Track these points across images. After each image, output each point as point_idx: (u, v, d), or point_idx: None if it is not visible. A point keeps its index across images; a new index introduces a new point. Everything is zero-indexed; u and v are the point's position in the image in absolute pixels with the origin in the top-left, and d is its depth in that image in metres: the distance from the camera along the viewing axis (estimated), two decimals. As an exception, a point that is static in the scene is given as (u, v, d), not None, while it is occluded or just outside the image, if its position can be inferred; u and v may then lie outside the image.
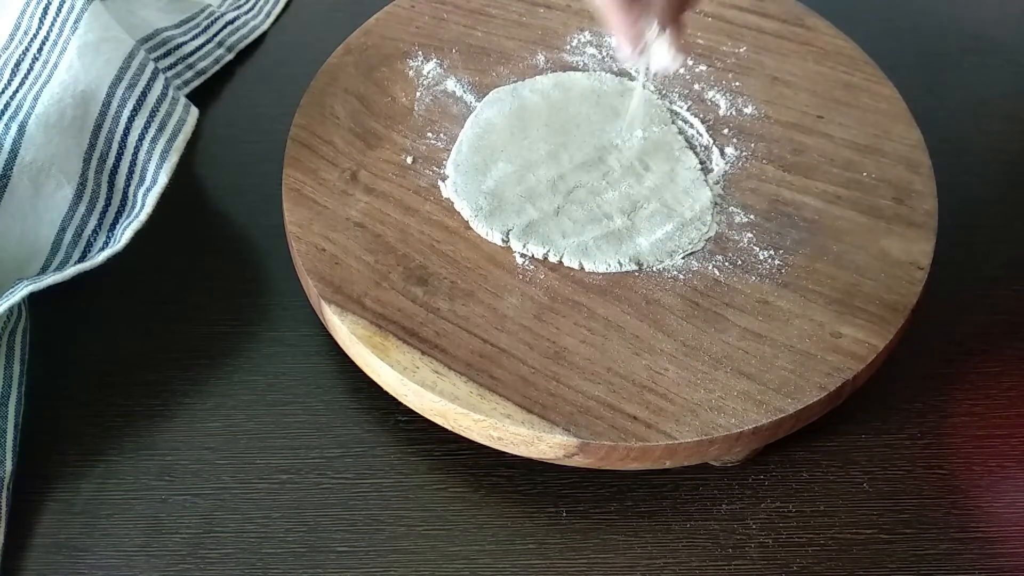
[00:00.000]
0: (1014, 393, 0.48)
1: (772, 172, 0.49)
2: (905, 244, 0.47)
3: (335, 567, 0.43)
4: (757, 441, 0.42)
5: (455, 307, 0.44)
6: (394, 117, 0.51)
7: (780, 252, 0.46)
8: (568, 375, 0.42)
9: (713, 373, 0.42)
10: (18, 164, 0.47)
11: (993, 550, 0.44)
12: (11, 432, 0.44)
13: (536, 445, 0.41)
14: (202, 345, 0.49)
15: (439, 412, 0.42)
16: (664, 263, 0.46)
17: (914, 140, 0.51)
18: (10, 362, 0.45)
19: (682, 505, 0.45)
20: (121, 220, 0.49)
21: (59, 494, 0.44)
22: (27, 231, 0.47)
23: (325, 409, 0.47)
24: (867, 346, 0.43)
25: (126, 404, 0.47)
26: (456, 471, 0.45)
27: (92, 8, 0.51)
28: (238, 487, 0.45)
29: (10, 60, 0.51)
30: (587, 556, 0.43)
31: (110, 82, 0.49)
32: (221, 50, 0.61)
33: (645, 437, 0.40)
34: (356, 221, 0.47)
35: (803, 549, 0.43)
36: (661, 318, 0.44)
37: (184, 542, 0.43)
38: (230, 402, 0.47)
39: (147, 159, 0.49)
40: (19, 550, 0.43)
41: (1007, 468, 0.46)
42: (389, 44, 0.55)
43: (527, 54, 0.54)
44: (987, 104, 0.61)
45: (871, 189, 0.49)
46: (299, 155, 0.49)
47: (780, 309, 0.44)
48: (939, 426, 0.47)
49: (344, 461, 0.46)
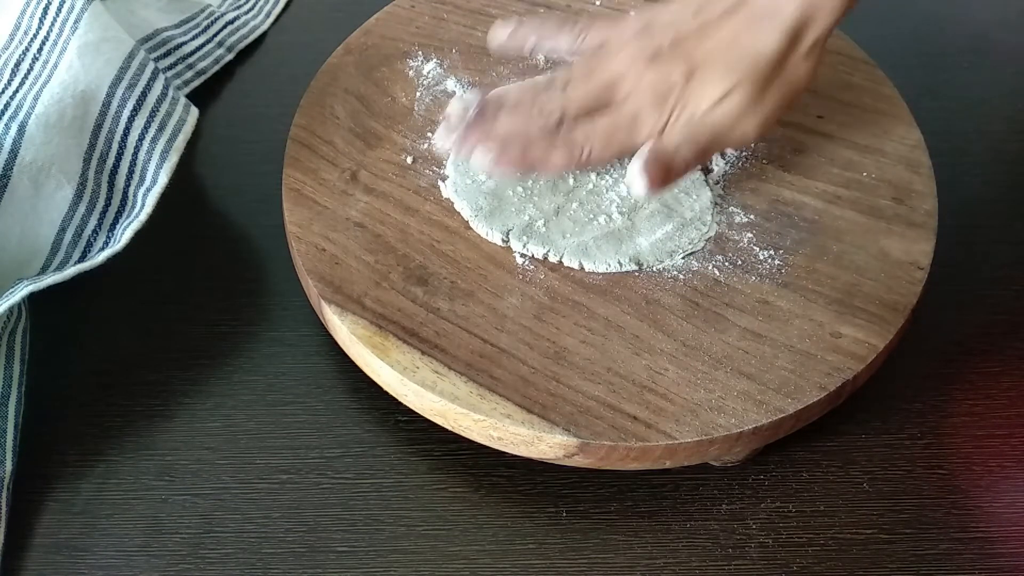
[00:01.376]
0: (1014, 393, 0.48)
1: (772, 172, 0.49)
2: (905, 244, 0.47)
3: (335, 567, 0.43)
4: (757, 441, 0.42)
5: (455, 307, 0.44)
6: (394, 117, 0.51)
7: (780, 252, 0.46)
8: (568, 375, 0.42)
9: (713, 373, 0.42)
10: (18, 164, 0.47)
11: (993, 550, 0.44)
12: (11, 432, 0.44)
13: (536, 445, 0.41)
14: (202, 345, 0.49)
15: (439, 412, 0.42)
16: (664, 263, 0.46)
17: (914, 140, 0.51)
18: (10, 362, 0.45)
19: (682, 505, 0.45)
20: (121, 220, 0.49)
21: (59, 494, 0.44)
22: (27, 231, 0.47)
23: (325, 409, 0.47)
24: (867, 346, 0.43)
25: (126, 404, 0.47)
26: (456, 471, 0.45)
27: (92, 8, 0.51)
28: (238, 487, 0.45)
29: (10, 60, 0.51)
30: (587, 556, 0.43)
31: (110, 82, 0.49)
32: (221, 50, 0.61)
33: (645, 437, 0.40)
34: (356, 221, 0.47)
35: (803, 549, 0.43)
36: (661, 318, 0.44)
37: (184, 542, 0.43)
38: (230, 402, 0.47)
39: (147, 159, 0.49)
40: (19, 550, 0.43)
41: (1007, 468, 0.46)
42: (389, 44, 0.55)
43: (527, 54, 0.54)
44: (987, 104, 0.61)
45: (871, 189, 0.49)
46: (299, 155, 0.49)
47: (780, 309, 0.44)
48: (939, 426, 0.47)
49: (344, 461, 0.46)
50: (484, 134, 0.43)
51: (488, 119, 0.44)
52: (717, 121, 0.43)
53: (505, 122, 0.44)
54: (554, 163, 0.44)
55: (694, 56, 0.43)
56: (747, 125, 0.44)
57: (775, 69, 0.43)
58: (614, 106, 0.44)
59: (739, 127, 0.44)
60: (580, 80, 0.44)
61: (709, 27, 0.43)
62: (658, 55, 0.43)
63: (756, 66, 0.43)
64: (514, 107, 0.44)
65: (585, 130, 0.44)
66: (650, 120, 0.43)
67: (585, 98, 0.44)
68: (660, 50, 0.43)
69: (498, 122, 0.44)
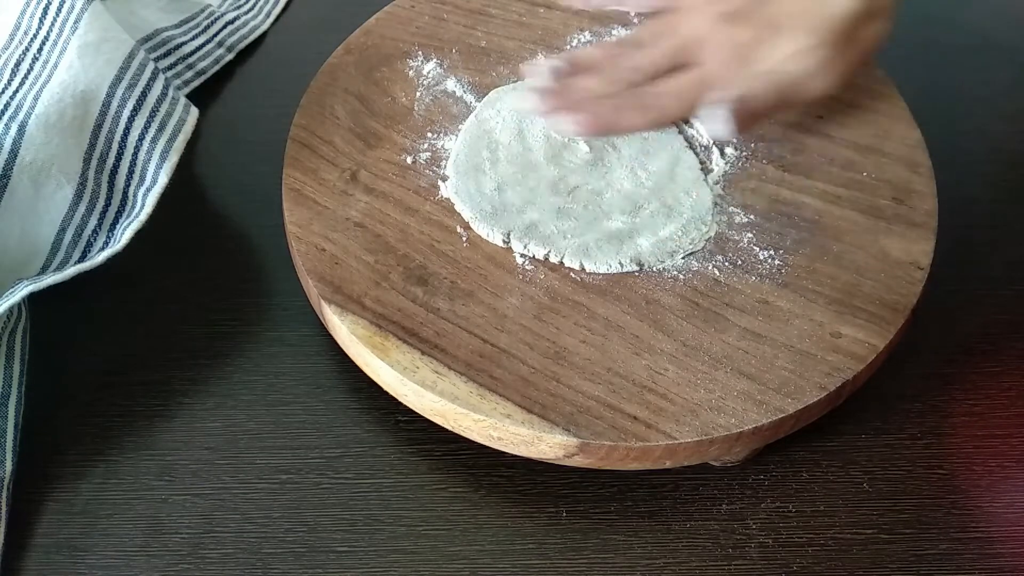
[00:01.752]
0: (1014, 393, 0.48)
1: (772, 172, 0.49)
2: (905, 244, 0.47)
3: (335, 567, 0.43)
4: (757, 441, 0.42)
5: (455, 307, 0.44)
6: (394, 117, 0.51)
7: (780, 252, 0.46)
8: (568, 375, 0.42)
9: (713, 373, 0.42)
10: (18, 164, 0.47)
11: (993, 550, 0.44)
12: (11, 432, 0.44)
13: (536, 445, 0.41)
14: (202, 345, 0.49)
15: (439, 412, 0.42)
16: (664, 263, 0.46)
17: (914, 140, 0.51)
18: (10, 362, 0.45)
19: (682, 505, 0.45)
20: (121, 220, 0.49)
21: (59, 494, 0.44)
22: (27, 231, 0.47)
23: (325, 409, 0.47)
24: (867, 346, 0.43)
25: (126, 404, 0.47)
26: (456, 471, 0.45)
27: (92, 8, 0.51)
28: (238, 487, 0.45)
29: (10, 60, 0.51)
30: (587, 556, 0.43)
31: (110, 82, 0.49)
32: (221, 50, 0.61)
33: (645, 437, 0.40)
34: (356, 221, 0.47)
35: (803, 549, 0.43)
36: (661, 318, 0.44)
37: (184, 542, 0.43)
38: (230, 402, 0.47)
39: (147, 159, 0.49)
40: (19, 550, 0.43)
41: (1007, 468, 0.46)
42: (389, 44, 0.55)
43: (527, 54, 0.54)
44: (987, 104, 0.61)
45: (871, 189, 0.49)
46: (299, 155, 0.49)
47: (780, 309, 0.44)
48: (939, 426, 0.47)
49: (344, 461, 0.46)
50: (564, 99, 0.44)
51: (566, 83, 0.45)
52: (797, 76, 0.44)
53: (584, 85, 0.45)
54: (634, 123, 0.45)
55: (771, 16, 0.44)
56: (824, 81, 0.45)
57: (851, 29, 0.44)
58: (693, 65, 0.45)
59: (817, 83, 0.45)
60: (656, 41, 0.45)
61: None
62: (735, 15, 0.44)
63: (832, 26, 0.44)
64: (592, 70, 0.45)
65: (665, 89, 0.44)
66: (729, 77, 0.44)
67: (662, 58, 0.45)
68: (736, 10, 0.44)
69: (577, 86, 0.45)
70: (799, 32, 0.44)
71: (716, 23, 0.45)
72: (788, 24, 0.44)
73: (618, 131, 0.46)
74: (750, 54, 0.44)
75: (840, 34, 0.44)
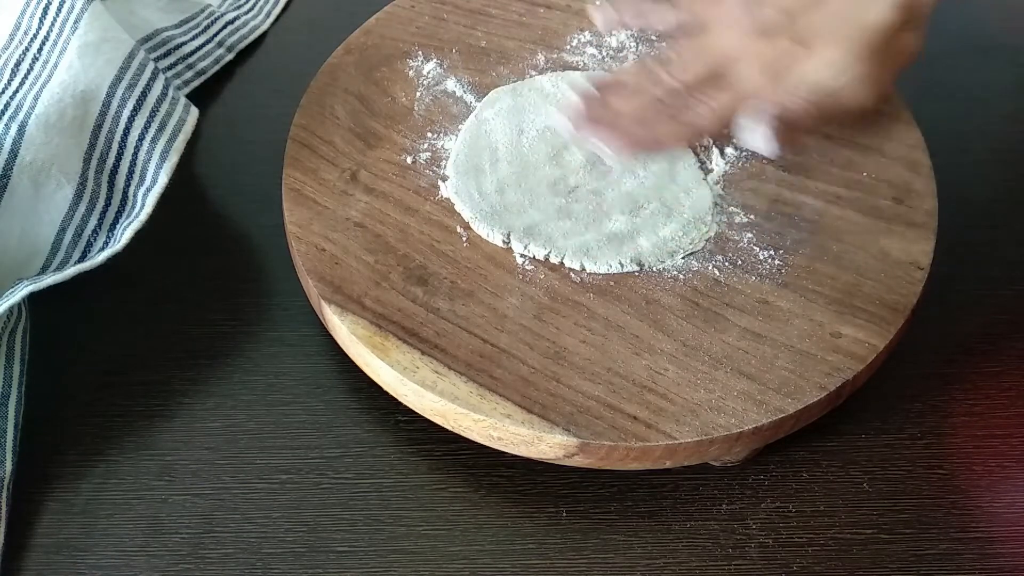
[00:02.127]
0: (1014, 393, 0.48)
1: (772, 172, 0.49)
2: (905, 244, 0.47)
3: (335, 567, 0.43)
4: (757, 441, 0.42)
5: (455, 307, 0.44)
6: (394, 117, 0.51)
7: (780, 252, 0.46)
8: (568, 375, 0.42)
9: (713, 373, 0.42)
10: (18, 164, 0.47)
11: (993, 550, 0.44)
12: (11, 432, 0.44)
13: (536, 445, 0.41)
14: (202, 345, 0.49)
15: (439, 412, 0.42)
16: (664, 263, 0.46)
17: (914, 140, 0.51)
18: (10, 362, 0.45)
19: (682, 505, 0.45)
20: (121, 220, 0.49)
21: (59, 494, 0.44)
22: (27, 231, 0.47)
23: (325, 409, 0.47)
24: (867, 346, 0.43)
25: (126, 404, 0.47)
26: (456, 471, 0.45)
27: (92, 8, 0.51)
28: (238, 487, 0.45)
29: (10, 60, 0.51)
30: (587, 556, 0.43)
31: (110, 82, 0.49)
32: (221, 50, 0.61)
33: (645, 437, 0.40)
34: (356, 221, 0.47)
35: (803, 549, 0.43)
36: (661, 318, 0.44)
37: (184, 542, 0.43)
38: (230, 402, 0.47)
39: (147, 159, 0.49)
40: (19, 550, 0.43)
41: (1007, 468, 0.46)
42: (389, 44, 0.55)
43: (527, 54, 0.54)
44: (987, 104, 0.61)
45: (871, 189, 0.49)
46: (299, 155, 0.49)
47: (780, 309, 0.44)
48: (939, 426, 0.47)
49: (344, 461, 0.46)
50: (601, 118, 0.44)
51: (602, 103, 0.45)
52: (834, 90, 0.44)
53: (620, 105, 0.44)
54: (672, 141, 0.45)
55: (804, 30, 0.43)
56: (862, 94, 0.44)
57: (885, 42, 0.43)
58: (728, 82, 0.44)
59: (854, 96, 0.44)
60: (691, 58, 0.45)
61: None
62: (767, 30, 0.44)
63: (866, 39, 0.43)
64: (627, 89, 0.45)
65: (699, 108, 0.44)
66: (765, 94, 0.44)
67: (697, 76, 0.45)
68: (770, 24, 0.44)
69: (613, 105, 0.45)
70: (833, 46, 0.43)
71: (748, 39, 0.44)
72: (822, 38, 0.43)
73: (653, 150, 0.46)
74: (784, 69, 0.43)
75: (874, 47, 0.43)
